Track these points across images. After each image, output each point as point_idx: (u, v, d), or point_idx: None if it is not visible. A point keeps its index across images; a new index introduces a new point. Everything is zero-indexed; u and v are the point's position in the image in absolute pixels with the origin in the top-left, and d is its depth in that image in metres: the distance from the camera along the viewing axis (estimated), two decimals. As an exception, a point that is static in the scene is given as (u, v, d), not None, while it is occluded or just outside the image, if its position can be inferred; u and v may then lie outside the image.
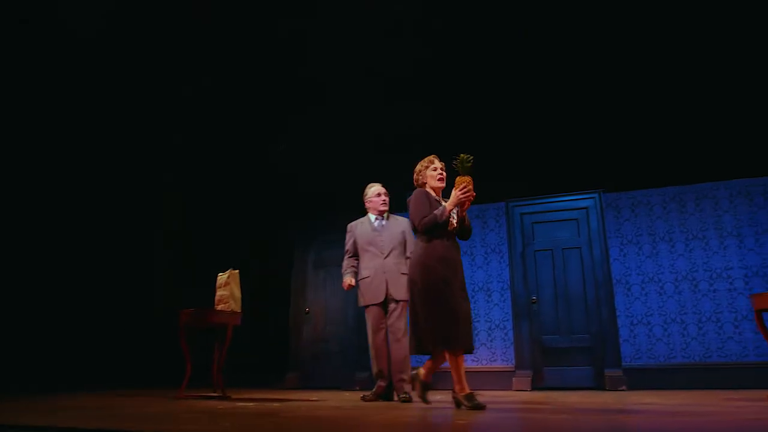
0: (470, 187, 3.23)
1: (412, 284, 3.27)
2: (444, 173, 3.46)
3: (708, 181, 5.92)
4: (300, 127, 6.85)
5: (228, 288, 4.59)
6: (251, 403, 3.66)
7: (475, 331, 6.35)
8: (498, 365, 6.14)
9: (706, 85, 5.66)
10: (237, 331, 7.21)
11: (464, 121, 6.39)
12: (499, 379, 6.00)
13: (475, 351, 6.19)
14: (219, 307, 4.53)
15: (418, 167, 3.51)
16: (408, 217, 4.37)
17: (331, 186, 6.95)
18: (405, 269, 4.17)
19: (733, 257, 5.66)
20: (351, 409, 3.19)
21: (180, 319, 4.38)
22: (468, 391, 3.11)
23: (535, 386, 5.92)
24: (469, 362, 6.22)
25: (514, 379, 5.84)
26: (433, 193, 3.42)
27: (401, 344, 4.00)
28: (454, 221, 3.29)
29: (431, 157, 3.52)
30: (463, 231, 3.37)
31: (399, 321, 4.07)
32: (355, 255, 4.30)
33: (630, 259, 6.01)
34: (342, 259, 4.39)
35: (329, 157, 6.98)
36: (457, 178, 3.24)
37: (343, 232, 4.44)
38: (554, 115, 6.20)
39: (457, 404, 3.12)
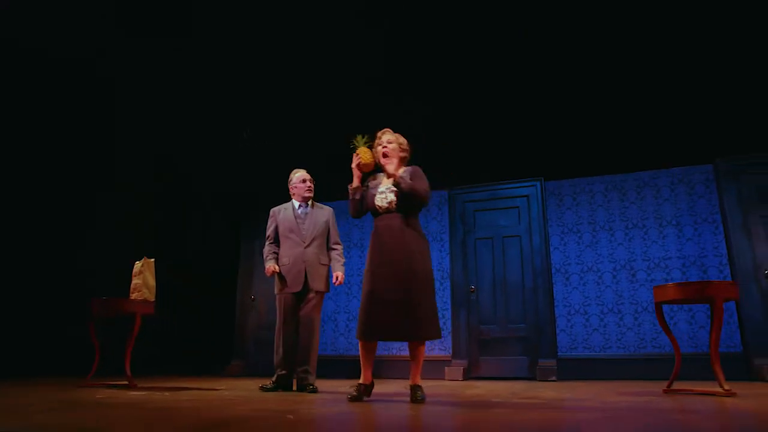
0: (361, 154, 3.24)
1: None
2: (388, 146, 3.32)
3: (650, 168, 5.80)
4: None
5: (141, 276, 4.53)
6: (142, 392, 3.61)
7: (415, 320, 6.28)
8: (435, 354, 6.08)
9: (649, 73, 5.51)
10: (187, 317, 7.18)
11: (409, 110, 6.27)
12: (435, 369, 5.94)
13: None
14: (133, 296, 4.49)
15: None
16: (328, 206, 4.31)
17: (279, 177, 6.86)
18: (325, 260, 4.11)
19: (672, 247, 5.56)
20: (233, 399, 3.12)
21: (91, 307, 4.33)
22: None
23: (471, 376, 5.86)
24: (405, 351, 6.16)
25: (446, 368, 5.78)
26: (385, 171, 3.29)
27: (311, 336, 3.92)
28: (383, 202, 3.20)
29: (379, 132, 3.40)
30: (406, 197, 3.14)
31: (314, 311, 3.98)
32: (276, 241, 4.19)
33: (570, 248, 5.92)
34: None
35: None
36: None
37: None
38: (498, 103, 6.07)
39: (415, 396, 3.02)
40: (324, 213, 4.20)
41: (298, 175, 4.22)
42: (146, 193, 7.37)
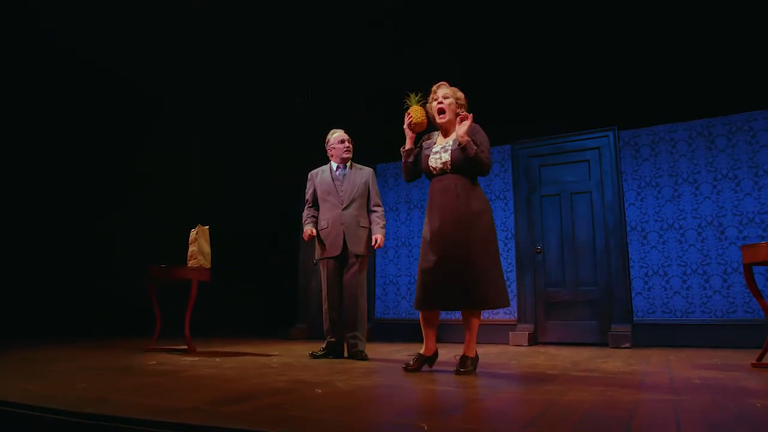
0: (413, 114, 3.03)
1: None
2: (444, 101, 3.05)
3: (744, 110, 5.08)
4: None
5: (196, 244, 4.59)
6: (195, 358, 3.67)
7: (478, 283, 6.03)
8: (500, 318, 5.82)
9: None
10: (248, 283, 7.32)
11: (464, 58, 5.85)
12: (500, 333, 5.69)
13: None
14: (189, 263, 4.56)
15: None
16: (367, 168, 4.12)
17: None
18: (365, 222, 3.95)
19: (770, 199, 4.89)
20: (276, 367, 3.08)
21: (149, 274, 4.45)
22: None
23: (537, 341, 5.57)
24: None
25: (510, 333, 5.51)
26: (441, 129, 3.11)
27: (357, 301, 3.81)
28: (437, 163, 2.98)
29: (434, 87, 3.14)
30: (468, 161, 2.88)
31: (356, 277, 3.84)
32: (315, 205, 4.09)
33: (648, 204, 5.37)
34: None
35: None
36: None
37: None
38: (563, 43, 5.51)
39: (462, 366, 2.85)
40: (363, 174, 4.02)
41: (336, 135, 4.03)
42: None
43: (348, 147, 4.01)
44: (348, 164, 4.05)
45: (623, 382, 2.44)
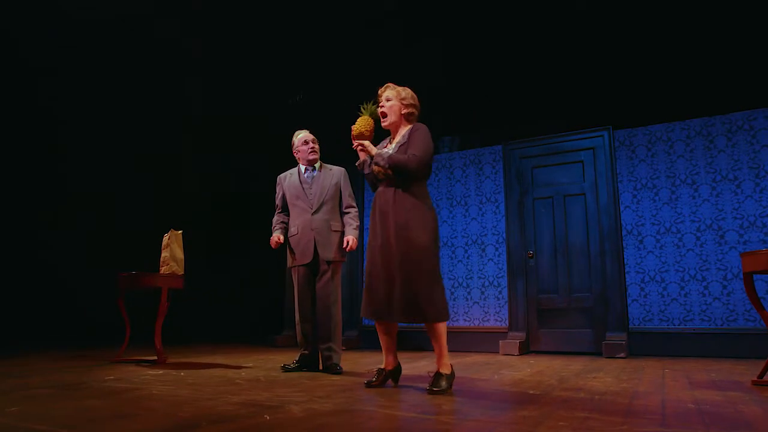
0: (357, 125, 2.84)
1: None
2: (385, 104, 2.89)
3: (744, 108, 4.85)
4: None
5: (168, 249, 4.37)
6: (159, 372, 3.45)
7: (468, 289, 5.80)
8: (490, 325, 5.59)
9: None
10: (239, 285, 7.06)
11: (456, 58, 5.63)
12: (491, 341, 5.46)
13: (467, 310, 5.72)
14: (162, 270, 4.35)
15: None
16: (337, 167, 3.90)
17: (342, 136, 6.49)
18: (337, 226, 3.71)
19: (772, 201, 4.65)
20: (237, 384, 2.86)
21: (119, 282, 4.24)
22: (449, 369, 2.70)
23: (530, 350, 5.34)
24: (460, 321, 5.74)
25: (501, 342, 5.27)
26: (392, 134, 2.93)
27: (330, 311, 3.58)
28: (372, 166, 2.80)
29: (380, 89, 2.95)
30: (399, 174, 2.74)
31: (328, 285, 3.60)
32: (285, 210, 3.88)
33: (644, 206, 5.14)
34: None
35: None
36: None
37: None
38: (553, 41, 5.29)
39: (435, 385, 2.60)
40: (333, 174, 3.79)
41: (301, 137, 3.80)
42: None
43: (313, 147, 3.79)
44: (317, 165, 3.83)
45: (609, 406, 2.22)
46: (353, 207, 3.76)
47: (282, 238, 3.76)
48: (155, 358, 4.12)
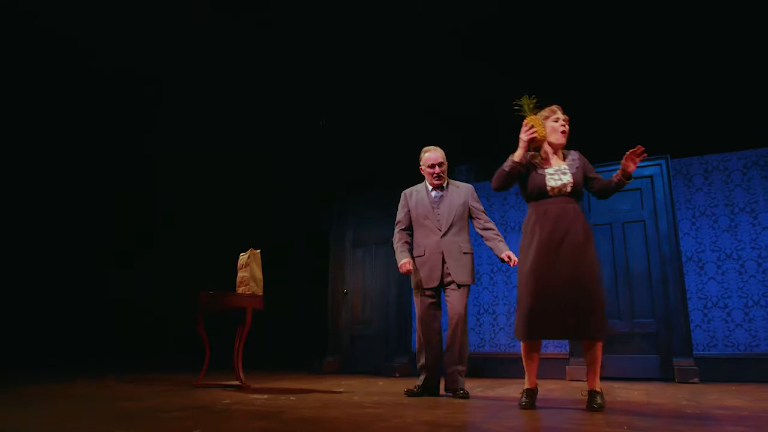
0: (536, 126, 2.82)
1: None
2: (566, 126, 2.97)
3: (800, 140, 5.05)
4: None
5: (248, 269, 4.29)
6: (264, 396, 3.35)
7: (524, 315, 5.79)
8: (550, 352, 5.58)
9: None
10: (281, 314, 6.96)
11: (519, 80, 5.75)
12: (552, 368, 5.44)
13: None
14: (240, 290, 4.26)
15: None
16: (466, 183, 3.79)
17: (369, 160, 6.52)
18: (467, 248, 3.59)
19: (832, 229, 4.81)
20: (370, 407, 2.79)
21: (198, 302, 4.13)
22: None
23: (592, 375, 5.33)
24: (516, 348, 5.71)
25: (567, 367, 5.26)
26: (550, 150, 2.95)
27: (458, 335, 3.43)
28: (557, 182, 2.81)
29: (554, 107, 3.01)
30: (605, 189, 2.92)
31: (458, 307, 3.45)
32: (409, 228, 3.72)
33: (703, 234, 5.25)
34: (387, 237, 3.82)
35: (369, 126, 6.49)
36: (524, 121, 2.89)
37: (381, 209, 3.90)
38: (611, 71, 5.46)
39: (593, 402, 2.64)
40: (461, 193, 3.67)
41: (428, 156, 3.67)
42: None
43: (437, 173, 3.64)
44: (444, 184, 3.72)
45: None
46: (491, 222, 3.67)
47: (412, 265, 3.60)
48: (238, 382, 3.99)
